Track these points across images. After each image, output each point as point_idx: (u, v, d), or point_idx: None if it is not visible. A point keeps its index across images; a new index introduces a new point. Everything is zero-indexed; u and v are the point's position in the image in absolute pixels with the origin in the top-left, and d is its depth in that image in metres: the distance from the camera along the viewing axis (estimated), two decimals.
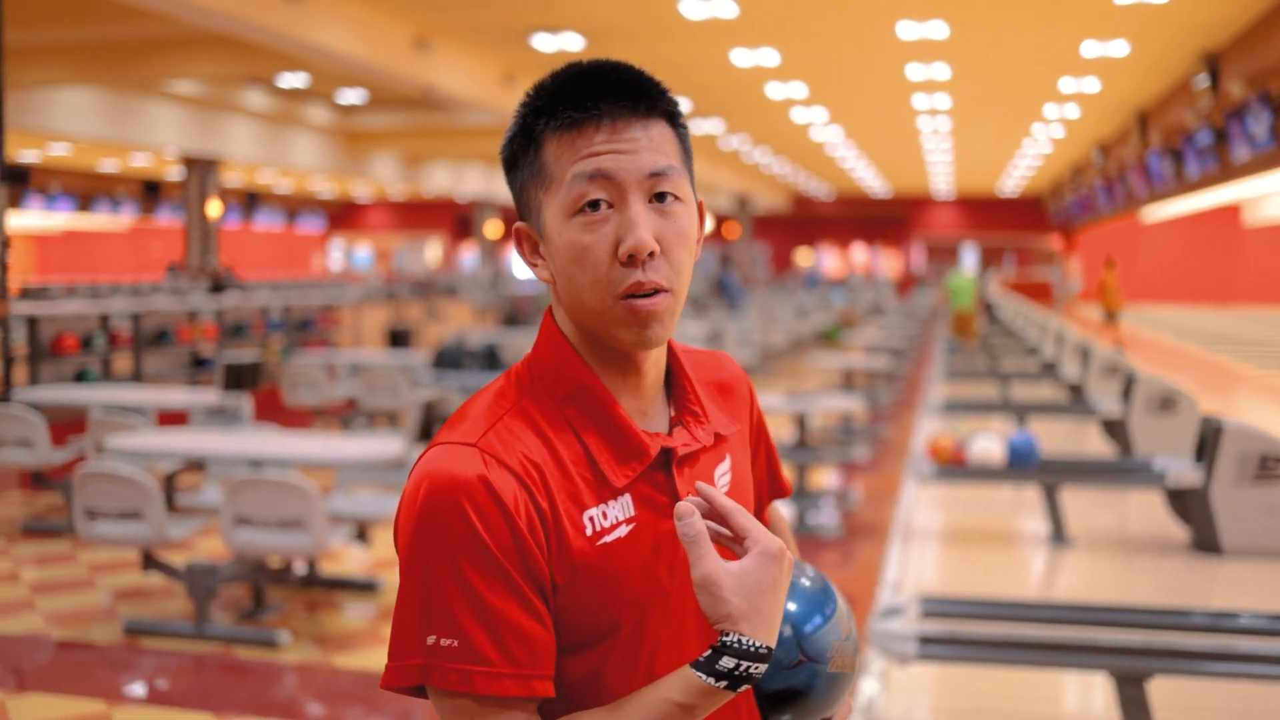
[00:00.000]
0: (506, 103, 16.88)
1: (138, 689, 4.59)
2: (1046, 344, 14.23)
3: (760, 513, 1.50)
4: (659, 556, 1.20)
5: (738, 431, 1.36)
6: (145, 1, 10.13)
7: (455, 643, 1.09)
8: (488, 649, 1.10)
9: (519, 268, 45.35)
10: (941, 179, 33.89)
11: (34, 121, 18.07)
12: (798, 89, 17.76)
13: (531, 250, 1.24)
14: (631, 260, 1.16)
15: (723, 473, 1.30)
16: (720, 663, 1.09)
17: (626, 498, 1.19)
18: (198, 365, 12.54)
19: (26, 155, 25.69)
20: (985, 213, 39.75)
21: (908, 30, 13.06)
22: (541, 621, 1.13)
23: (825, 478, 8.86)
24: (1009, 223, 39.36)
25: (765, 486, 1.49)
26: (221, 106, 21.11)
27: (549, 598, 1.14)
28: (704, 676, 1.09)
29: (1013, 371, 12.51)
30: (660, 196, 1.19)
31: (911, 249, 41.05)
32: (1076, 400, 9.97)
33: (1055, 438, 9.69)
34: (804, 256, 42.98)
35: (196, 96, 20.08)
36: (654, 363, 1.25)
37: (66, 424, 8.91)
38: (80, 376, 10.67)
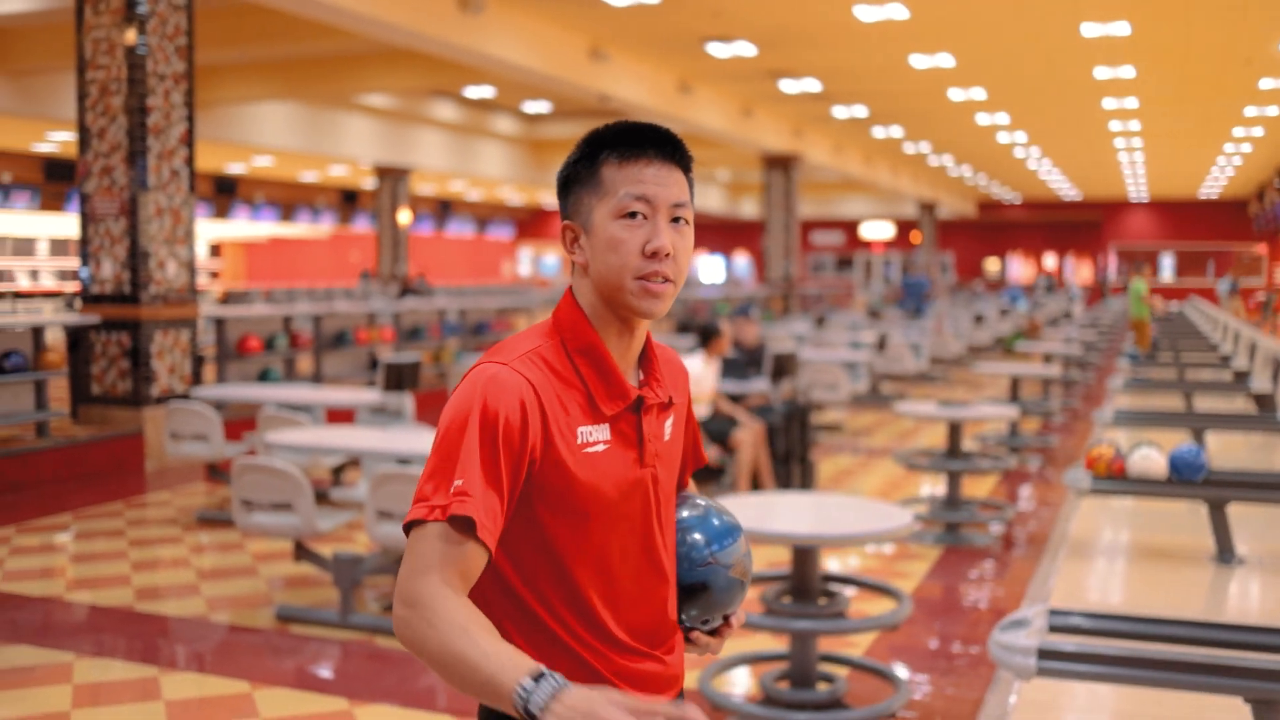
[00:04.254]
0: (684, 110, 16.99)
1: (281, 673, 4.79)
2: (1241, 354, 13.54)
3: (685, 473, 1.95)
4: (621, 474, 1.66)
5: (680, 402, 1.84)
6: (335, 20, 10.58)
7: (462, 483, 1.52)
8: (478, 494, 1.52)
9: (704, 272, 45.64)
10: (1135, 183, 32.61)
11: (238, 135, 19.01)
12: (978, 93, 17.37)
13: (572, 241, 1.70)
14: (654, 256, 1.64)
15: (669, 425, 1.78)
16: (525, 701, 1.39)
17: (607, 426, 1.65)
18: (375, 366, 13.01)
19: (233, 167, 27.01)
20: (1184, 218, 38.03)
21: (1091, 31, 12.64)
22: (504, 494, 1.55)
23: (983, 488, 8.65)
24: (1210, 228, 37.55)
25: (690, 455, 1.94)
26: (412, 118, 21.84)
27: (520, 478, 1.57)
28: (518, 696, 1.40)
29: (1203, 382, 11.93)
30: (676, 220, 1.68)
31: (1104, 257, 39.52)
32: (1265, 412, 9.46)
33: (1241, 452, 9.22)
34: (993, 265, 41.85)
35: (388, 109, 20.82)
36: (640, 335, 1.73)
37: (244, 421, 9.38)
38: (263, 376, 11.21)
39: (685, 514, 1.80)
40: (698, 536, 1.77)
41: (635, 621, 1.68)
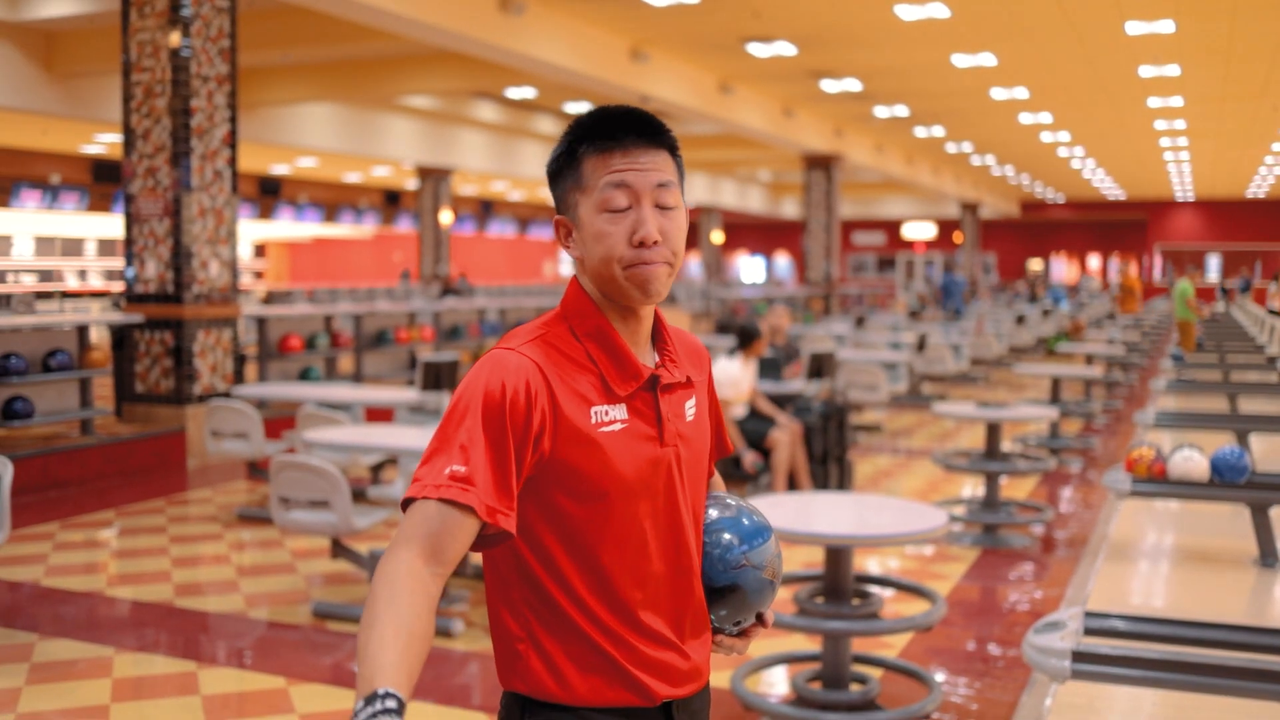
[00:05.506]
0: (725, 111, 16.97)
1: (317, 669, 4.83)
2: None
3: (711, 458, 1.88)
4: (640, 452, 1.65)
5: (700, 382, 1.82)
6: (377, 22, 10.65)
7: (464, 469, 1.50)
8: (477, 477, 1.51)
9: (745, 272, 45.55)
10: (1181, 183, 32.25)
11: (282, 137, 19.17)
12: (1021, 92, 17.25)
13: (566, 235, 1.72)
14: (641, 245, 1.64)
15: (690, 405, 1.76)
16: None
17: (623, 406, 1.65)
18: (414, 366, 13.09)
19: (278, 168, 27.22)
20: (1231, 217, 37.55)
21: (1135, 29, 12.52)
22: (512, 474, 1.54)
23: (1023, 489, 8.58)
24: (1258, 228, 37.06)
25: (714, 443, 1.89)
26: (454, 120, 21.93)
27: (528, 458, 1.56)
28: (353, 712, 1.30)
29: (1248, 384, 11.76)
30: (662, 202, 1.66)
31: (1149, 258, 39.08)
32: None
33: None
34: (1036, 265, 41.50)
35: (430, 110, 20.92)
36: (646, 318, 1.73)
37: (285, 419, 9.46)
38: (304, 374, 11.30)
39: (715, 514, 1.79)
40: (730, 537, 1.76)
41: (664, 604, 1.67)
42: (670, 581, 1.67)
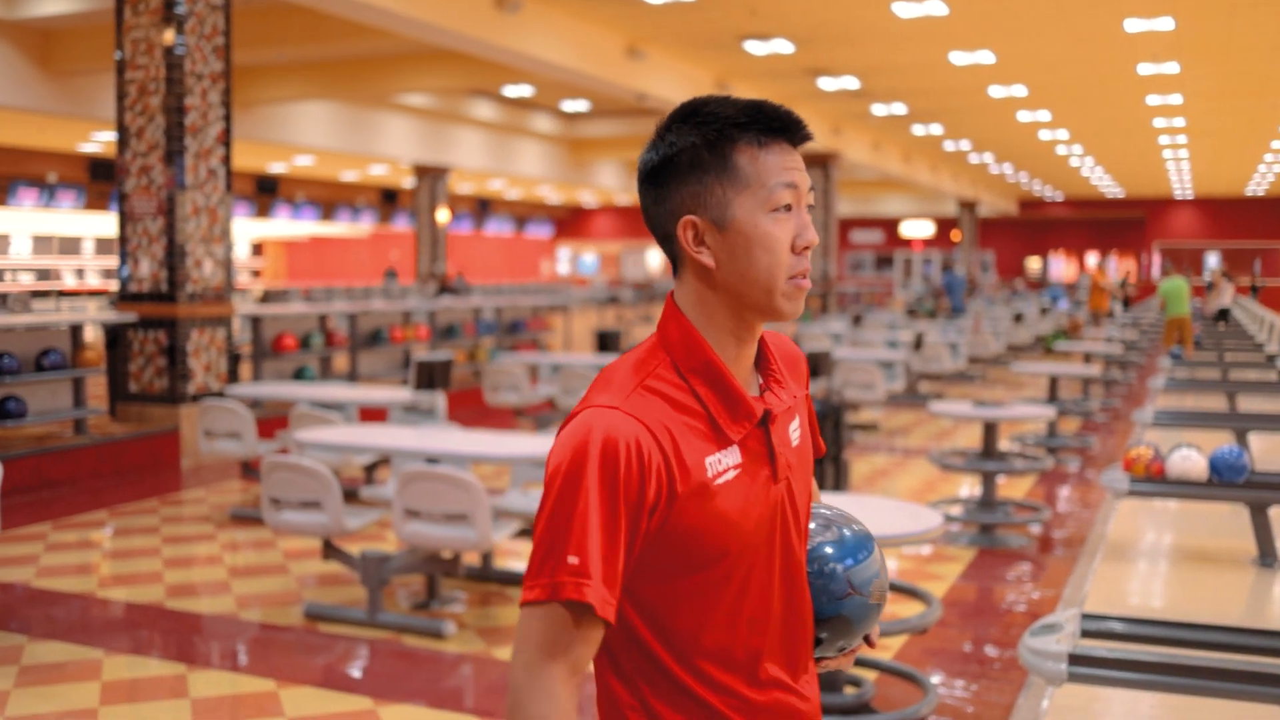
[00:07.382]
0: None
1: (308, 671, 4.79)
2: None
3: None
4: (758, 497, 1.51)
5: (801, 396, 1.68)
6: (373, 20, 10.61)
7: (577, 561, 1.37)
8: (597, 571, 1.38)
9: None
10: (1180, 181, 32.22)
11: (279, 135, 19.11)
12: (1019, 90, 17.22)
13: (696, 238, 1.50)
14: (805, 250, 1.50)
15: (795, 427, 1.62)
16: None
17: (735, 449, 1.49)
18: (409, 365, 13.05)
19: (275, 167, 27.16)
20: (1230, 215, 37.52)
21: (1134, 27, 12.49)
22: (621, 559, 1.41)
23: (1020, 489, 8.55)
24: (1257, 226, 37.03)
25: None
26: (451, 118, 21.89)
27: (640, 534, 1.42)
28: None
29: (1247, 382, 11.73)
30: (810, 207, 1.54)
31: (1148, 255, 39.06)
32: None
33: None
34: (1034, 264, 41.49)
35: (427, 108, 20.87)
36: (757, 338, 1.57)
37: (279, 419, 9.42)
38: (299, 374, 11.26)
39: (812, 528, 1.65)
40: (832, 557, 1.62)
41: (779, 649, 1.56)
42: (786, 623, 1.57)
